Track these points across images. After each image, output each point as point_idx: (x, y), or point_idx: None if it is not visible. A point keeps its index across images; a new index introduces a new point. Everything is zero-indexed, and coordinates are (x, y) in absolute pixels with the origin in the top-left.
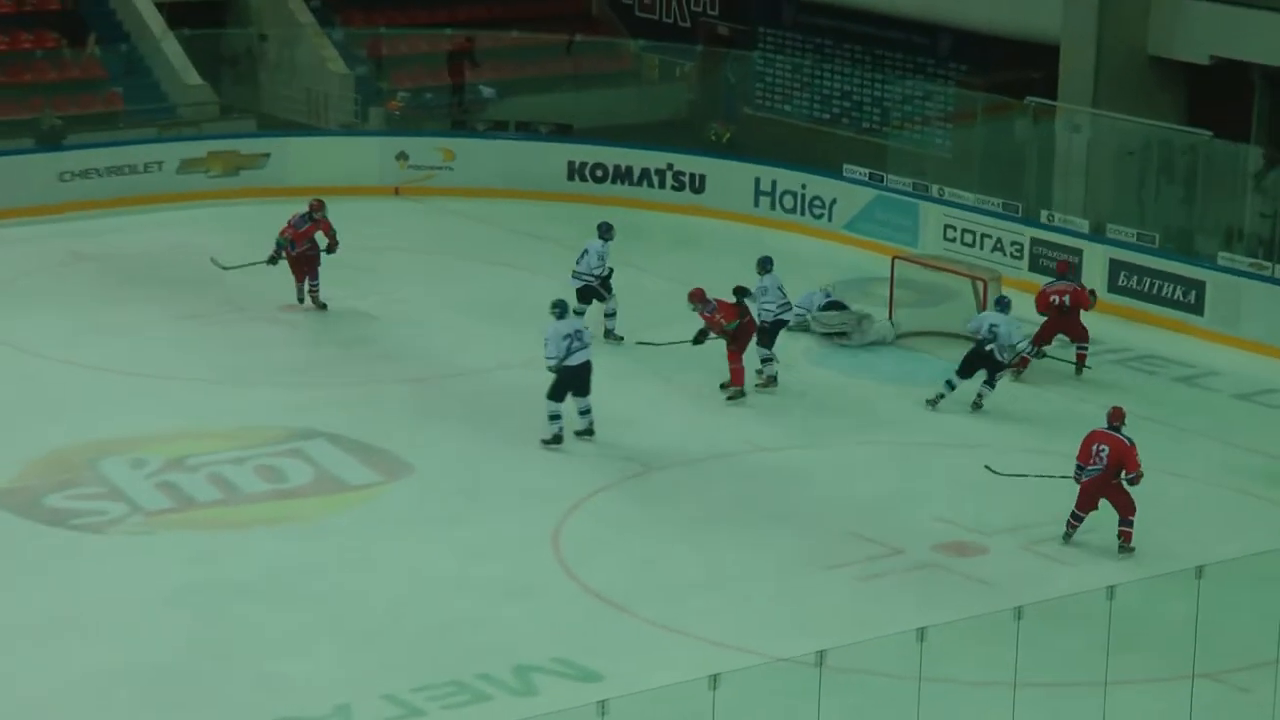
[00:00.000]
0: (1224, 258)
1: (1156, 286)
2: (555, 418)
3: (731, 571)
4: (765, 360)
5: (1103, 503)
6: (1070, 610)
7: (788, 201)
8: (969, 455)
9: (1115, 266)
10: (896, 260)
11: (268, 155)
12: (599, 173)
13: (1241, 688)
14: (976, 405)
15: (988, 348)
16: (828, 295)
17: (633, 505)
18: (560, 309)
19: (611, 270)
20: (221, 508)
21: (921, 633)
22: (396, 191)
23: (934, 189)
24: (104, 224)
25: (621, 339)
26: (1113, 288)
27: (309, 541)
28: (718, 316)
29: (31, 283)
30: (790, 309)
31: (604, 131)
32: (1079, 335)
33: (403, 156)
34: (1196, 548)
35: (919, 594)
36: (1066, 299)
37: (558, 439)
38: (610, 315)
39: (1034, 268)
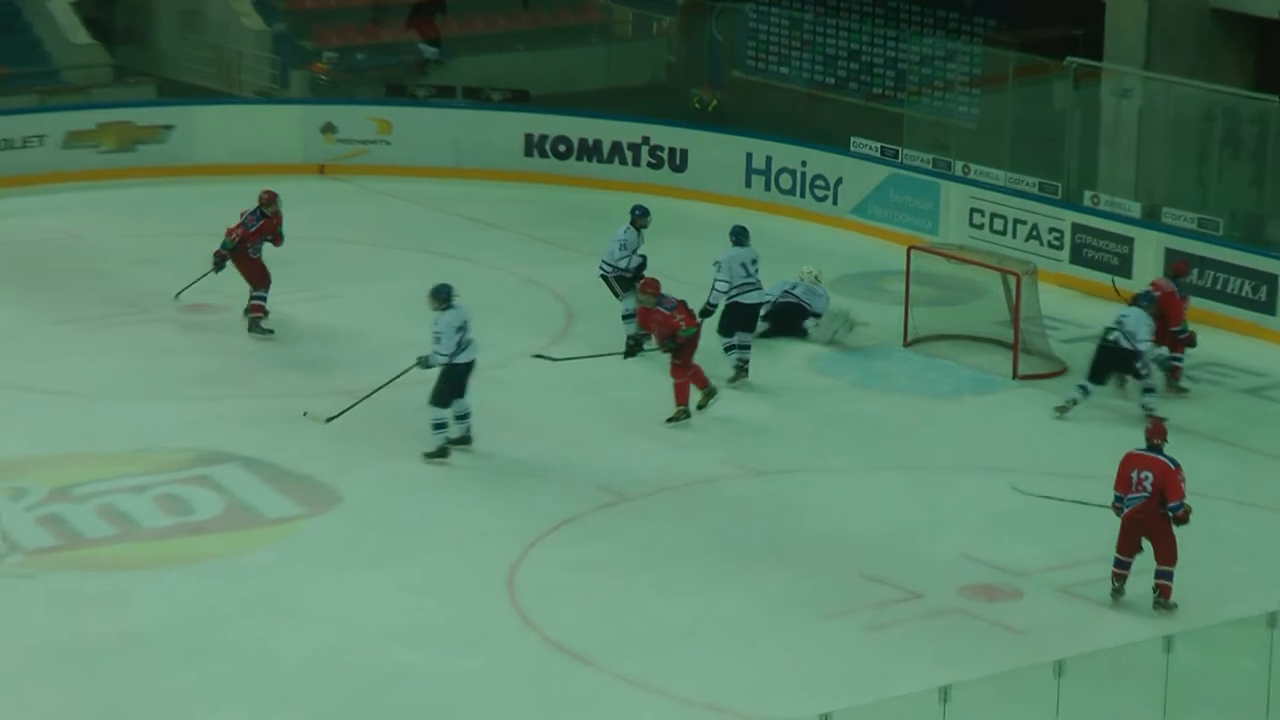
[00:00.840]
0: None
1: (1221, 281)
2: (441, 426)
3: (717, 619)
4: (726, 350)
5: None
6: (1120, 665)
7: (785, 181)
8: (997, 480)
9: (1172, 257)
10: (913, 251)
11: (169, 127)
12: (561, 148)
13: None
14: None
15: (1112, 337)
16: (790, 288)
17: (601, 541)
18: (445, 294)
19: (644, 261)
20: (115, 545)
21: (944, 692)
22: (322, 170)
23: (958, 166)
24: None
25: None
26: None
27: (218, 584)
28: (677, 318)
29: None
30: (752, 290)
31: (567, 99)
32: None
33: (329, 129)
34: (1270, 591)
35: (940, 646)
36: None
37: (444, 452)
38: (629, 318)
39: (1076, 259)
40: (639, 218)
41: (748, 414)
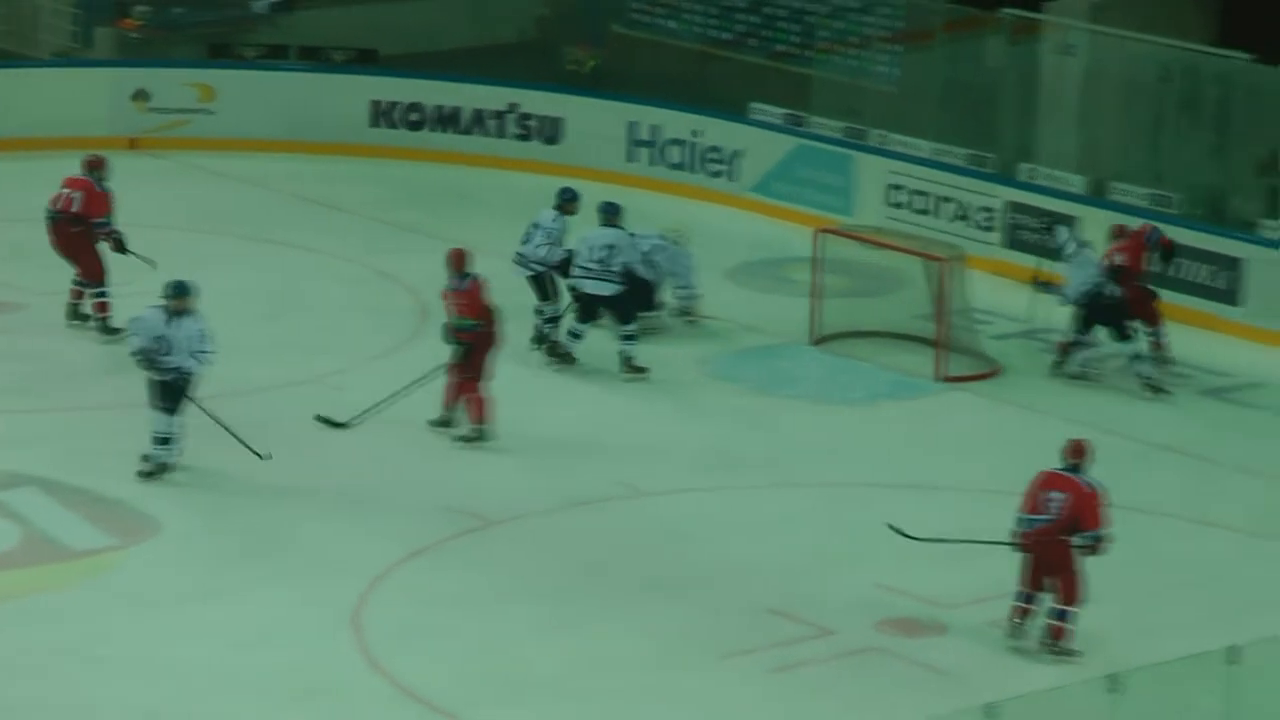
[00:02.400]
0: (1270, 226)
1: (1177, 266)
2: (164, 441)
3: (597, 662)
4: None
5: None
6: (1060, 708)
7: (674, 154)
8: (921, 500)
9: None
10: (822, 234)
11: None
12: (414, 116)
13: None
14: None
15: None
16: (646, 251)
17: (461, 573)
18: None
19: (569, 255)
20: None
21: None
22: (133, 144)
23: (874, 135)
24: None
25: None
26: None
27: (17, 628)
28: (461, 303)
29: None
30: (590, 279)
31: (422, 60)
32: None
33: (142, 96)
34: (1230, 622)
35: (855, 689)
36: (1120, 259)
37: (163, 468)
38: (549, 320)
39: (1012, 243)
40: (568, 203)
41: (632, 425)
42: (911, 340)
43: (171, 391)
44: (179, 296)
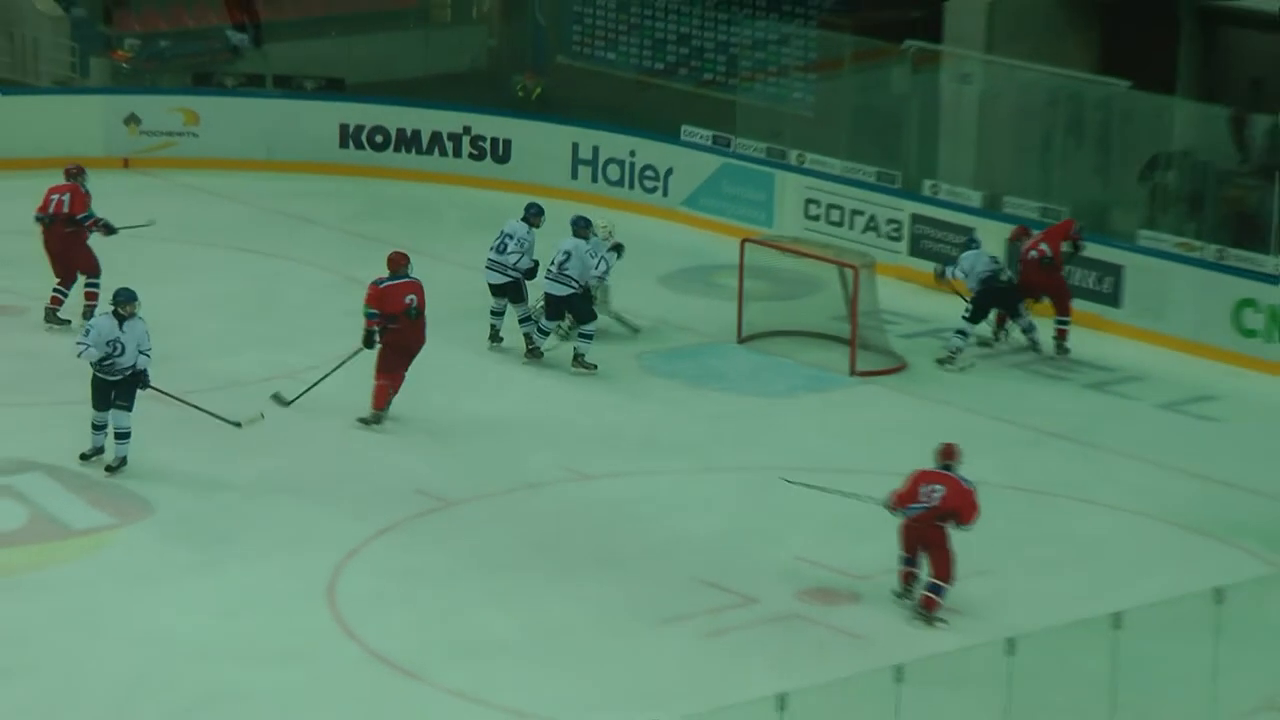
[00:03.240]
0: (1146, 236)
1: (1068, 273)
2: (126, 436)
3: (547, 628)
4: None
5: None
6: (962, 670)
7: (613, 172)
8: (836, 482)
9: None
10: (746, 243)
11: None
12: (379, 138)
13: None
14: (1034, 345)
15: (1005, 277)
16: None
17: (424, 548)
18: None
19: (536, 264)
20: None
21: (782, 700)
22: (126, 164)
23: (793, 155)
24: None
25: (542, 355)
26: None
27: (22, 601)
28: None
29: None
30: (553, 281)
31: (384, 87)
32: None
33: (133, 120)
34: (1113, 591)
35: (778, 652)
36: (1046, 248)
37: (124, 461)
38: (525, 321)
39: (915, 251)
40: (535, 216)
41: (576, 414)
42: (827, 339)
43: (128, 389)
44: (129, 302)
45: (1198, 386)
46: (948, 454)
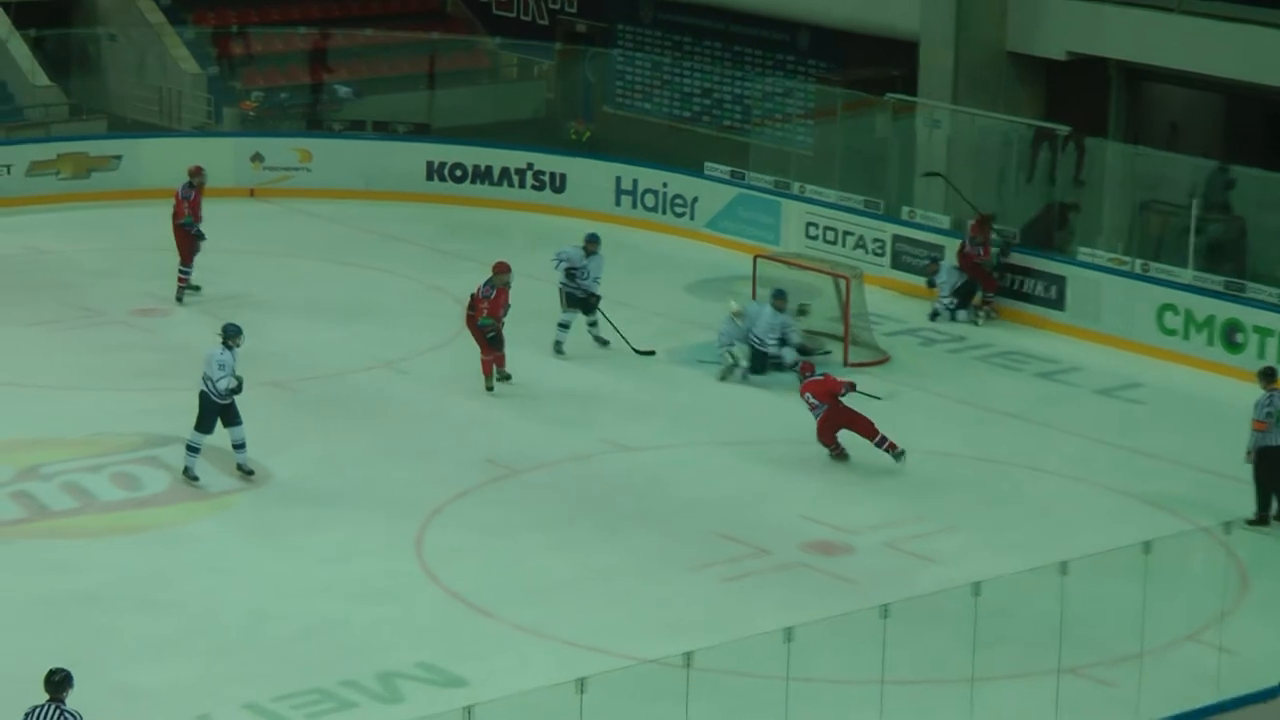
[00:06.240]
0: (1084, 252)
1: (1018, 283)
2: (197, 451)
3: (597, 574)
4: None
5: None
6: (936, 608)
7: (649, 200)
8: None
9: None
10: (758, 259)
11: (119, 157)
12: (458, 172)
13: (1105, 682)
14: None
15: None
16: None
17: (495, 508)
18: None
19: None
20: (77, 516)
21: (788, 633)
22: (252, 193)
23: (795, 186)
24: None
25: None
26: None
27: (166, 549)
28: (484, 305)
29: None
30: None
31: (462, 130)
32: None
33: (258, 158)
34: (1060, 543)
35: (785, 594)
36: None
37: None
38: (567, 327)
39: (896, 265)
40: (590, 243)
41: (617, 399)
42: (824, 336)
43: (234, 407)
44: (240, 334)
45: (1128, 376)
46: (806, 368)
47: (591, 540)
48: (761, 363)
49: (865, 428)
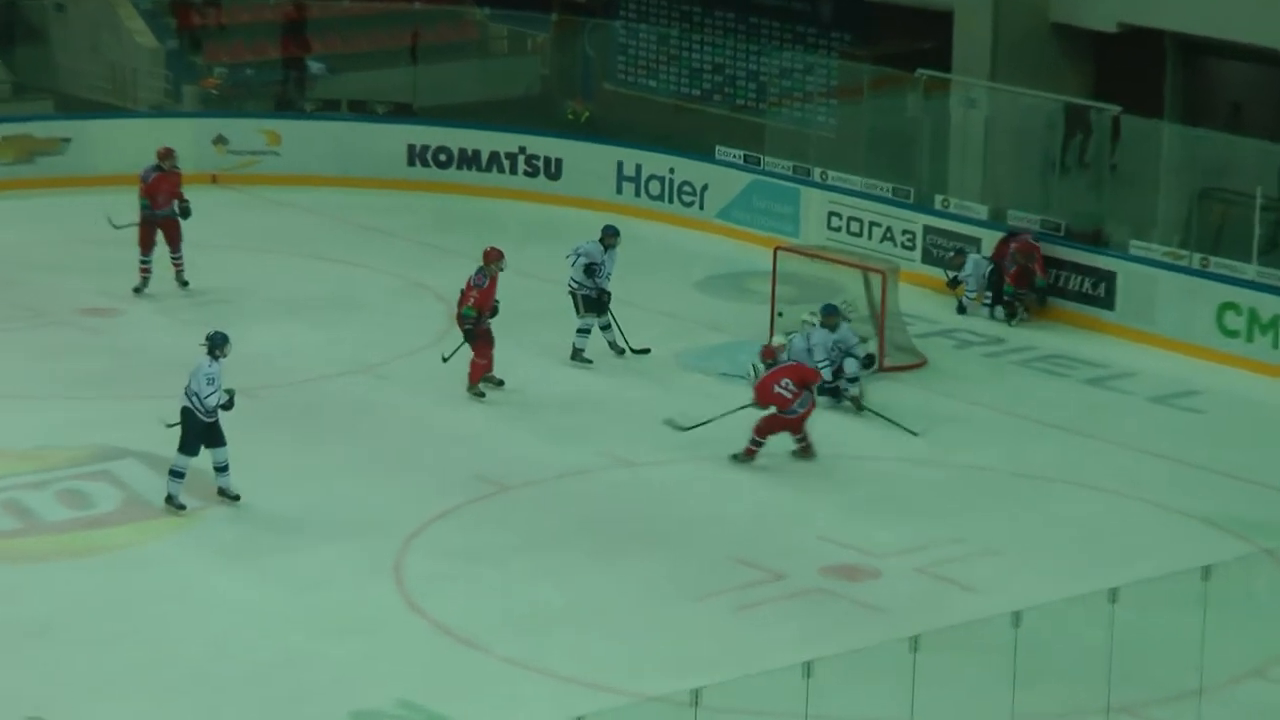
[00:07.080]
0: (1137, 246)
1: (1064, 279)
2: (182, 476)
3: (594, 602)
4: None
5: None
6: (972, 639)
7: (654, 187)
8: (857, 468)
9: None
10: (779, 251)
11: (68, 140)
12: (443, 157)
13: None
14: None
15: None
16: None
17: (482, 530)
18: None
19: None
20: (18, 538)
21: (808, 667)
22: (214, 180)
23: (816, 172)
24: None
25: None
26: None
27: (118, 574)
28: (473, 294)
29: None
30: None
31: (447, 111)
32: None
33: (221, 141)
34: (1109, 568)
35: (804, 624)
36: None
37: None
38: (604, 328)
39: (927, 259)
40: (609, 236)
41: (620, 407)
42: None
43: (218, 427)
44: (227, 343)
45: (1184, 382)
46: (767, 354)
47: (590, 565)
48: (836, 398)
49: (796, 426)
